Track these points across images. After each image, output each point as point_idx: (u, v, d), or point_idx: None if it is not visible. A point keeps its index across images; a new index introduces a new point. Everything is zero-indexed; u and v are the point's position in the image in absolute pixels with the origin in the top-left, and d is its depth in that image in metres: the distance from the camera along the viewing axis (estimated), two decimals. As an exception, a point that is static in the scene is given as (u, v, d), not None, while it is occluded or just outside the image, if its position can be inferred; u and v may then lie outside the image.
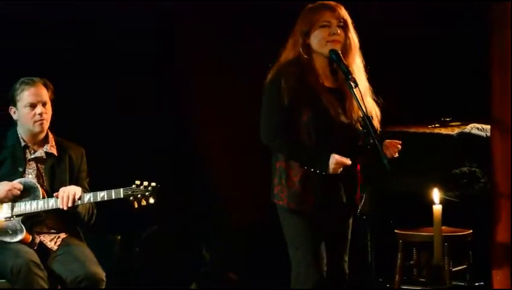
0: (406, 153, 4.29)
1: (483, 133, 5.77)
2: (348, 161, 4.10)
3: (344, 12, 4.23)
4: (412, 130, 5.77)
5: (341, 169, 4.11)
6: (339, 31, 4.18)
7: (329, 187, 4.18)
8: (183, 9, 6.02)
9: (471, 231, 5.60)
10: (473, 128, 5.81)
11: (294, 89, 4.13)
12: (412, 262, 5.75)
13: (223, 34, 6.19)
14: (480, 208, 5.53)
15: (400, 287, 5.63)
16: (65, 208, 4.58)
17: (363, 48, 4.31)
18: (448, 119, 5.91)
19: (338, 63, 4.16)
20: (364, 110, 4.07)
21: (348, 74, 4.11)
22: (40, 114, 4.69)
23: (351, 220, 4.37)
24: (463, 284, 5.62)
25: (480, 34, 5.48)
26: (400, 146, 4.22)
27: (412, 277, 5.76)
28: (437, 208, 4.78)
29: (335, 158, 4.08)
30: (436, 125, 5.85)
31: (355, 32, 4.26)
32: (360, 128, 4.18)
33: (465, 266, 5.64)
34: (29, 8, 5.78)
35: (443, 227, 5.02)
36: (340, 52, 4.17)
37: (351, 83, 4.10)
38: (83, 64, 5.92)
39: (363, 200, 4.27)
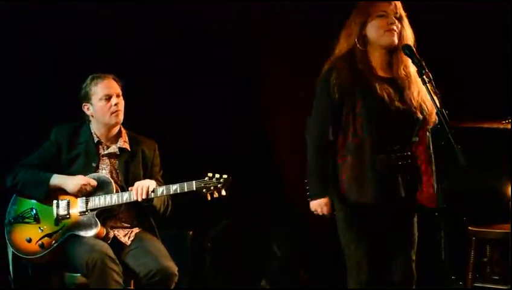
0: (480, 149, 4.21)
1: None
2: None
3: (399, 6, 4.21)
4: (486, 125, 5.69)
5: (319, 211, 4.14)
6: (396, 22, 4.16)
7: (384, 179, 4.08)
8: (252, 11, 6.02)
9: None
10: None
11: (346, 83, 4.10)
12: (485, 259, 5.67)
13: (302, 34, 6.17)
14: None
15: (473, 284, 5.56)
16: (139, 200, 4.63)
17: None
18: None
19: (411, 58, 4.11)
20: (438, 105, 4.00)
21: (421, 68, 4.06)
22: (116, 104, 4.76)
23: (415, 217, 4.25)
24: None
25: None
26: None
27: (485, 274, 5.68)
28: (514, 205, 4.71)
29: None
30: (510, 120, 5.76)
31: (410, 28, 4.22)
32: (421, 115, 4.12)
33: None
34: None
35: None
36: (413, 46, 4.14)
37: (425, 78, 4.04)
38: (156, 63, 5.98)
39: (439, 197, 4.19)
